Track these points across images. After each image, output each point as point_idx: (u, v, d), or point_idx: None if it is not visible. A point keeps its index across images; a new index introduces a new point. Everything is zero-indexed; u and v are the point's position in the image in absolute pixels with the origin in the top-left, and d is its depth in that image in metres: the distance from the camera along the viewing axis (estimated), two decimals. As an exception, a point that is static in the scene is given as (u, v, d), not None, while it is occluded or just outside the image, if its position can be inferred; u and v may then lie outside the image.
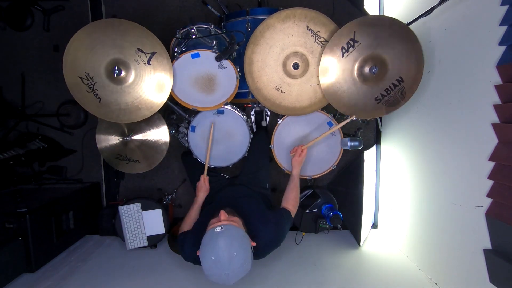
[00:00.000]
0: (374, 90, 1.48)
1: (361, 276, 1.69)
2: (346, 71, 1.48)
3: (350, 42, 1.43)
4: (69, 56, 1.39)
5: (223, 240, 1.06)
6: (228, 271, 1.05)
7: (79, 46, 1.39)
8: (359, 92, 1.50)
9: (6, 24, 2.20)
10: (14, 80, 2.22)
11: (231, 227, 1.13)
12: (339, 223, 1.85)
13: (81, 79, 1.43)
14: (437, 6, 1.31)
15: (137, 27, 1.40)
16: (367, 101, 1.51)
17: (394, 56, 1.42)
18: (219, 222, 1.14)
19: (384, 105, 1.49)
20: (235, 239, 1.09)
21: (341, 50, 1.45)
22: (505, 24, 1.09)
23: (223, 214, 1.19)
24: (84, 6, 2.19)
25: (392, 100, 1.47)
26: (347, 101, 1.53)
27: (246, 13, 1.68)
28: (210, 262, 1.06)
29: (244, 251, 1.09)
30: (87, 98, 1.46)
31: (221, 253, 1.04)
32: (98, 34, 1.38)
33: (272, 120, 2.10)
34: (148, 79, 1.46)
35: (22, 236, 1.61)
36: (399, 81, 1.44)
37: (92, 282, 1.66)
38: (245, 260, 1.08)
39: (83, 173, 2.31)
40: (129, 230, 1.91)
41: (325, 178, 2.24)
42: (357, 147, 1.68)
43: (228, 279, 1.07)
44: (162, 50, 1.43)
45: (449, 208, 1.43)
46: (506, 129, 1.10)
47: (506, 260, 1.08)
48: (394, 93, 1.46)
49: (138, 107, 1.50)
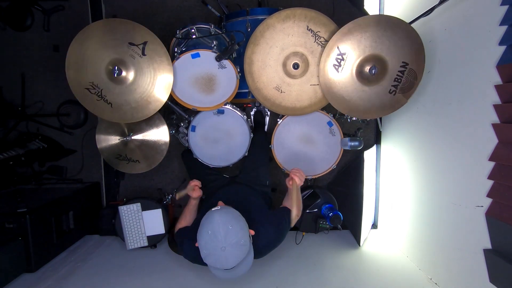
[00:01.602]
0: (384, 85, 1.46)
1: (361, 276, 1.69)
2: (348, 82, 1.48)
3: (338, 58, 1.45)
4: (70, 72, 1.40)
5: (218, 215, 1.09)
6: (224, 244, 1.04)
7: (75, 59, 1.40)
8: (371, 94, 1.49)
9: (6, 24, 2.20)
10: (14, 80, 2.22)
11: (227, 207, 1.17)
12: (339, 223, 1.85)
13: (88, 90, 1.44)
14: (437, 6, 1.31)
15: (121, 22, 1.39)
16: (382, 98, 1.48)
17: (388, 49, 1.40)
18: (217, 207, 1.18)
19: (400, 93, 1.46)
20: (231, 214, 1.12)
21: (334, 67, 1.46)
22: (505, 24, 1.09)
23: (221, 203, 1.23)
24: (84, 6, 2.19)
25: (406, 86, 1.44)
26: (363, 108, 1.51)
27: (246, 13, 1.68)
28: (206, 237, 1.06)
29: (241, 228, 1.09)
30: (100, 106, 1.47)
31: (216, 225, 1.06)
32: (88, 42, 1.39)
33: (272, 120, 2.10)
34: (148, 70, 1.45)
35: (22, 236, 1.61)
36: (404, 66, 1.42)
37: (92, 282, 1.66)
38: (242, 237, 1.08)
39: (83, 173, 2.31)
40: (129, 230, 1.91)
41: (325, 178, 2.24)
42: (357, 147, 1.68)
43: (226, 256, 1.05)
44: (152, 37, 1.42)
45: (449, 208, 1.43)
46: (506, 129, 1.10)
47: (506, 260, 1.08)
48: (405, 78, 1.43)
49: (148, 101, 1.50)
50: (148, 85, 1.47)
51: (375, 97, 1.49)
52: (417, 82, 1.43)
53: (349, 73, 1.47)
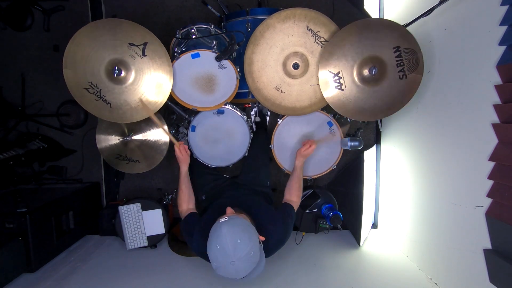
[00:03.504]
0: (391, 76, 1.44)
1: (361, 276, 1.69)
2: (359, 92, 1.48)
3: (336, 79, 1.48)
4: (68, 72, 1.39)
5: (226, 228, 1.07)
6: (233, 259, 1.03)
7: (74, 58, 1.39)
8: (385, 90, 1.47)
9: (6, 24, 2.20)
10: (14, 80, 2.23)
11: (235, 217, 1.14)
12: (339, 223, 1.85)
13: (87, 90, 1.43)
14: (437, 6, 1.31)
15: (122, 22, 1.39)
16: (397, 87, 1.46)
17: (373, 46, 1.41)
18: (225, 215, 1.16)
19: (411, 73, 1.43)
20: (239, 226, 1.09)
21: (338, 88, 1.49)
22: (505, 24, 1.09)
23: (229, 209, 1.21)
24: (84, 6, 2.19)
25: (412, 64, 1.41)
26: (385, 105, 1.49)
27: (246, 13, 1.68)
28: (215, 251, 1.06)
29: (249, 239, 1.07)
30: (98, 106, 1.46)
31: (224, 240, 1.04)
32: (87, 41, 1.38)
33: (272, 120, 2.10)
34: (149, 70, 1.45)
35: (22, 236, 1.61)
36: (397, 49, 1.40)
37: (92, 282, 1.66)
38: (251, 249, 1.06)
39: (83, 173, 2.31)
40: (129, 230, 1.91)
41: (325, 178, 2.24)
42: (357, 147, 1.68)
43: (236, 269, 1.05)
44: (153, 37, 1.41)
45: (449, 208, 1.43)
46: (506, 129, 1.10)
47: (506, 260, 1.08)
48: (405, 59, 1.41)
49: (148, 101, 1.49)
50: (148, 86, 1.47)
51: (390, 90, 1.47)
52: (420, 55, 1.40)
53: (355, 85, 1.48)
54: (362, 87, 1.47)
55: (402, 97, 1.48)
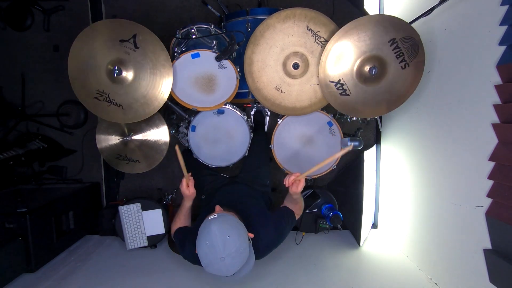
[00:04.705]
0: (393, 69, 1.42)
1: (361, 276, 1.69)
2: (364, 93, 1.49)
3: (339, 87, 1.48)
4: (76, 84, 1.41)
5: (215, 224, 1.07)
6: (223, 255, 1.03)
7: (78, 69, 1.41)
8: (390, 83, 1.46)
9: (6, 24, 2.20)
10: (14, 80, 2.22)
11: (224, 214, 1.15)
12: (339, 223, 1.85)
13: (97, 99, 1.45)
14: (437, 6, 1.31)
15: (104, 23, 1.40)
16: (401, 77, 1.44)
17: (367, 44, 1.40)
18: (214, 213, 1.16)
19: (412, 60, 1.40)
20: (228, 222, 1.10)
21: (343, 94, 1.49)
22: (505, 24, 1.09)
23: (218, 207, 1.22)
24: (84, 6, 2.19)
25: (411, 51, 1.39)
26: (393, 97, 1.49)
27: (246, 13, 1.68)
28: (205, 248, 1.06)
29: (239, 235, 1.08)
30: (113, 111, 1.48)
31: (213, 236, 1.04)
32: (84, 51, 1.40)
33: (272, 120, 2.10)
34: (145, 61, 1.45)
35: (22, 236, 1.61)
36: (393, 41, 1.38)
37: (92, 282, 1.66)
38: (240, 245, 1.07)
39: (83, 173, 2.31)
40: (129, 230, 1.91)
41: (325, 178, 2.24)
42: (357, 147, 1.68)
43: (226, 266, 1.05)
44: (140, 28, 1.41)
45: (449, 208, 1.42)
46: (506, 129, 1.10)
47: (506, 260, 1.08)
48: (404, 48, 1.39)
49: (155, 91, 1.49)
50: (149, 76, 1.47)
51: (395, 82, 1.46)
52: (417, 39, 1.38)
53: (359, 87, 1.47)
54: (367, 87, 1.47)
55: (408, 86, 1.47)
